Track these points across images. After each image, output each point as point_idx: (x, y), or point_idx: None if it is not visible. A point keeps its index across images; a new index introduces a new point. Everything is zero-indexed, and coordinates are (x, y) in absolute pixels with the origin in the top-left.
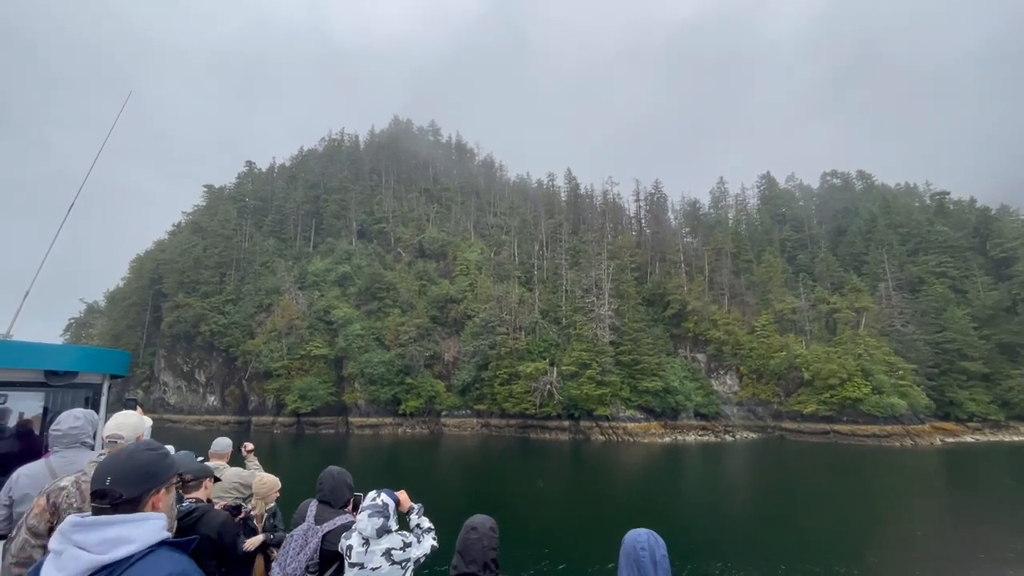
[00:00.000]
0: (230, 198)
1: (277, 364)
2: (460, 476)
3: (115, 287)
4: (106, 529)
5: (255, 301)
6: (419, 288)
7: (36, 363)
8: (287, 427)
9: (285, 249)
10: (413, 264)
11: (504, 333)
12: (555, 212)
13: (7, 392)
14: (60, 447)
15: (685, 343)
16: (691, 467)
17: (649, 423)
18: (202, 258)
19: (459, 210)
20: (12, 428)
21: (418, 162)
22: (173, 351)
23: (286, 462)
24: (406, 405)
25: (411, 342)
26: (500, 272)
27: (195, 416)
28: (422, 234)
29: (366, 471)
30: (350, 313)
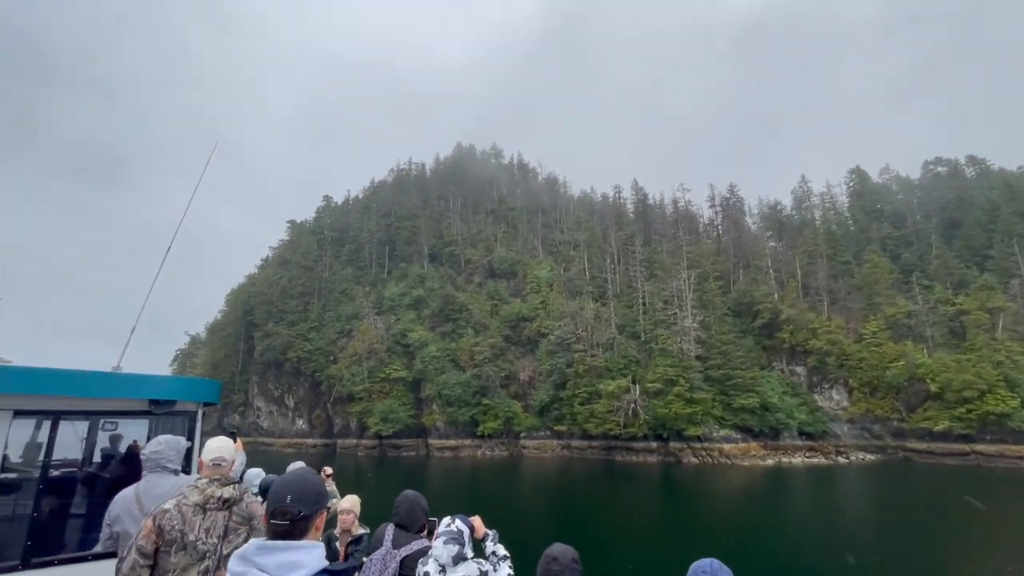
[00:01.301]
0: (310, 231)
1: (359, 387)
2: (539, 501)
3: (214, 319)
4: (284, 553)
5: (336, 327)
6: (491, 308)
7: (142, 393)
8: (370, 449)
9: (362, 276)
10: (484, 284)
11: (581, 350)
12: (624, 224)
13: (117, 420)
14: (146, 471)
15: (780, 355)
16: (799, 493)
17: (747, 444)
18: (287, 289)
19: (526, 228)
20: (123, 453)
21: (483, 184)
22: (264, 377)
23: (369, 485)
24: (484, 427)
25: (486, 362)
26: (572, 288)
27: (286, 439)
28: (491, 254)
29: (445, 495)
30: (425, 335)
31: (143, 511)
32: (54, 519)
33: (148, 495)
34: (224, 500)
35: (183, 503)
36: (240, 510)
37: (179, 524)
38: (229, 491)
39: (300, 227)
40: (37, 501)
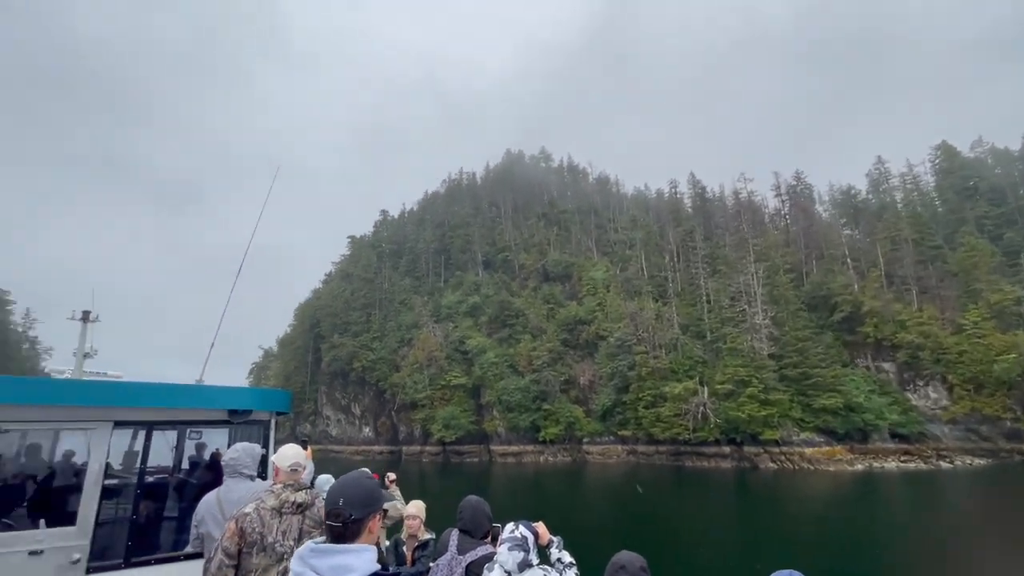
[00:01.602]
0: (369, 245)
1: (421, 395)
2: (605, 507)
3: (284, 333)
4: (336, 556)
5: (397, 336)
6: (547, 312)
7: (221, 404)
8: (434, 456)
9: (420, 286)
10: (539, 289)
11: (643, 352)
12: (682, 220)
13: (201, 429)
14: (226, 476)
15: (864, 351)
16: (897, 501)
17: (832, 447)
18: (350, 301)
19: (578, 230)
20: (207, 460)
21: (533, 189)
22: (332, 387)
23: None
24: (545, 432)
25: (544, 367)
26: (629, 288)
27: (354, 447)
28: (544, 258)
29: (508, 500)
30: (483, 342)
31: (224, 514)
32: (150, 521)
33: (227, 499)
34: (298, 504)
35: (261, 507)
36: (313, 514)
37: (258, 527)
38: (302, 496)
39: (360, 242)
40: (136, 505)
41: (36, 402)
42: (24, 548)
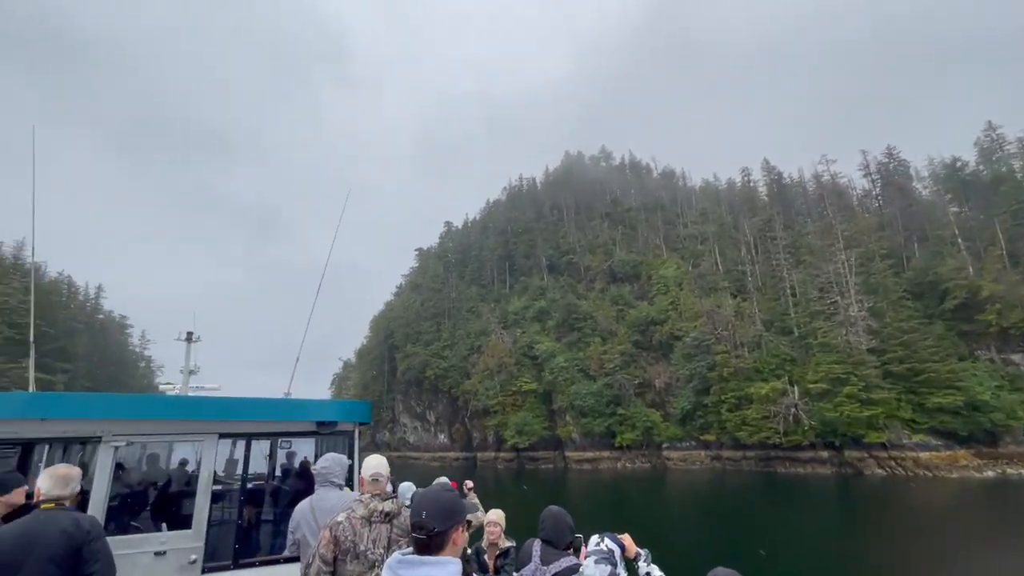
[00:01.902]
0: (436, 256)
1: (492, 401)
2: (692, 517)
3: (361, 345)
4: (422, 568)
5: (467, 344)
6: (616, 313)
7: (309, 416)
8: (508, 462)
9: (486, 294)
10: (606, 290)
11: (723, 351)
12: (757, 210)
13: (291, 439)
14: (317, 485)
15: (986, 341)
16: None
17: (953, 452)
18: (420, 311)
19: (645, 228)
20: (297, 468)
21: (595, 189)
22: (408, 395)
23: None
24: (621, 437)
25: (617, 370)
26: (704, 285)
27: (430, 453)
28: (611, 259)
29: (586, 509)
30: (552, 346)
31: (317, 521)
32: (252, 525)
33: (319, 507)
34: (386, 514)
35: (352, 516)
36: (399, 523)
37: (351, 535)
38: (389, 505)
39: (426, 253)
40: (240, 510)
41: (154, 417)
42: (151, 549)
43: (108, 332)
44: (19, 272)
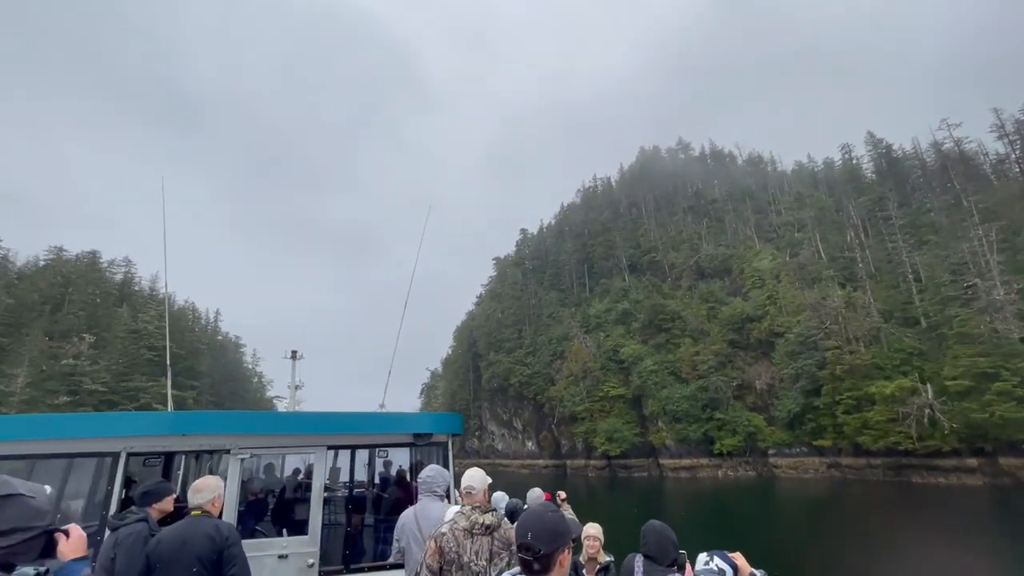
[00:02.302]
0: (513, 264)
1: (579, 407)
2: (811, 533)
3: (446, 355)
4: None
5: (549, 350)
6: (707, 312)
7: (407, 428)
8: (600, 470)
9: (566, 298)
10: (694, 288)
11: (834, 347)
12: (864, 189)
13: (388, 450)
14: (420, 494)
15: None
16: None
17: None
18: (501, 319)
19: (733, 219)
20: (395, 477)
21: (675, 183)
22: (494, 402)
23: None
24: (720, 444)
25: (711, 372)
26: (805, 276)
27: (519, 460)
28: (697, 254)
29: (686, 522)
30: (638, 349)
31: (421, 530)
32: (358, 531)
33: (423, 516)
34: (486, 526)
35: (455, 528)
36: (500, 536)
37: (454, 546)
38: (489, 518)
39: (504, 262)
40: (348, 516)
41: (274, 432)
42: (275, 552)
43: (226, 351)
44: (154, 301)
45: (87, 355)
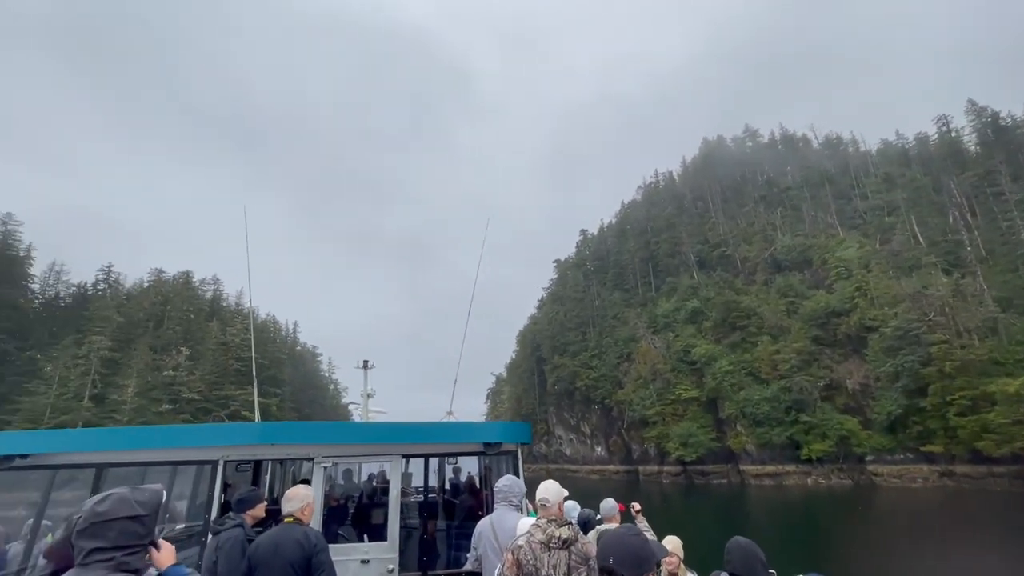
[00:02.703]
0: (574, 266)
1: (650, 411)
2: (923, 551)
3: (510, 359)
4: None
5: (615, 352)
6: (786, 307)
7: (478, 437)
8: (674, 476)
9: (630, 299)
10: (771, 282)
11: (941, 341)
12: (968, 163)
13: (457, 457)
14: (497, 504)
15: None
16: None
17: None
18: (564, 322)
19: (811, 206)
20: (464, 483)
21: (743, 173)
22: (560, 407)
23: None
24: (808, 449)
25: (794, 372)
26: (899, 263)
27: (588, 466)
28: (772, 246)
29: (774, 536)
30: (711, 349)
31: (498, 539)
32: (432, 537)
33: (499, 526)
34: (563, 540)
35: (531, 540)
36: (577, 550)
37: (532, 559)
38: (566, 532)
39: (564, 264)
40: (423, 522)
41: (353, 441)
42: (358, 557)
43: (304, 361)
44: (240, 315)
45: (184, 366)
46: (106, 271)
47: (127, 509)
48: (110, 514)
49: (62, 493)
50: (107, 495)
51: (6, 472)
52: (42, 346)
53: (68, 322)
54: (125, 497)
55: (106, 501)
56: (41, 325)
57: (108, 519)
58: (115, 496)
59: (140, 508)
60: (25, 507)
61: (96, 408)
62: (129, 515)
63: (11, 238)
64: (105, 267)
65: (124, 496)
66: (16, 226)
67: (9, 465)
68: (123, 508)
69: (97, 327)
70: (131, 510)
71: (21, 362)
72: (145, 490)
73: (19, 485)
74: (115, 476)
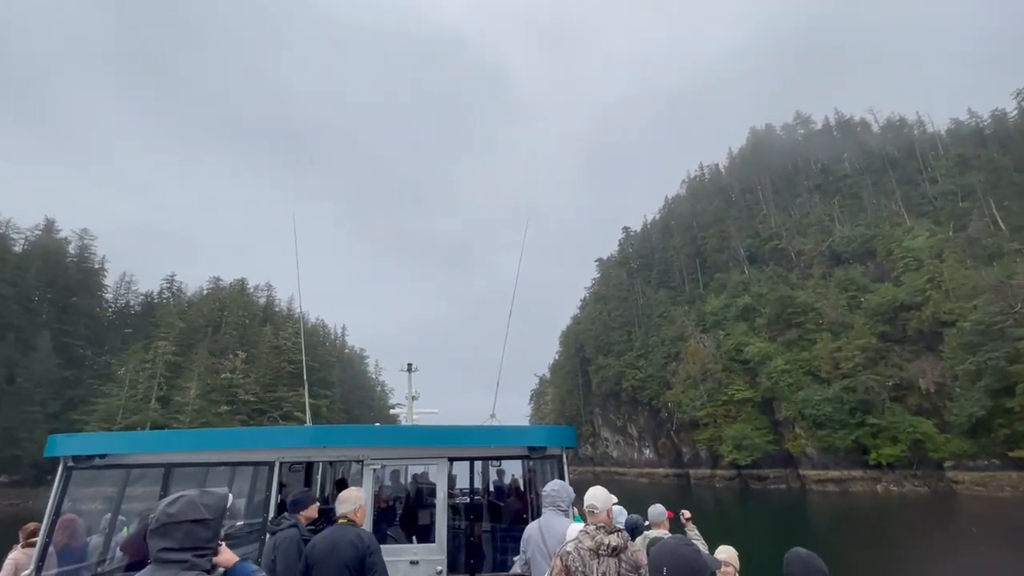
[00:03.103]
0: (617, 264)
1: (701, 412)
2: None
3: (553, 360)
4: None
5: (662, 352)
6: (847, 302)
7: (522, 441)
8: (728, 480)
9: (677, 296)
10: (829, 275)
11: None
12: None
13: (502, 460)
14: (544, 508)
15: None
16: None
17: None
18: (608, 322)
19: (873, 193)
20: (509, 486)
21: (795, 163)
22: (605, 408)
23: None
24: (877, 453)
25: (859, 370)
26: (977, 252)
27: (636, 469)
28: (829, 237)
29: (840, 548)
30: (765, 347)
31: (546, 544)
32: (479, 540)
33: (547, 531)
34: (613, 547)
35: (580, 547)
36: (627, 558)
37: (580, 566)
38: (615, 539)
39: (607, 263)
40: (470, 525)
41: (401, 444)
42: (407, 558)
43: (353, 363)
44: (291, 320)
45: (240, 369)
46: (169, 280)
47: (194, 512)
48: (178, 516)
49: (135, 490)
50: (177, 497)
51: (87, 470)
52: (115, 351)
53: (138, 329)
54: (193, 500)
55: (176, 503)
56: (114, 332)
57: (176, 521)
58: (184, 499)
59: (206, 512)
60: (102, 502)
61: (162, 409)
62: (195, 518)
63: (87, 252)
64: (169, 276)
65: (192, 499)
66: (91, 240)
67: (89, 464)
68: (191, 511)
69: (162, 333)
70: (198, 513)
71: (97, 366)
72: (212, 494)
73: (97, 482)
74: (181, 475)
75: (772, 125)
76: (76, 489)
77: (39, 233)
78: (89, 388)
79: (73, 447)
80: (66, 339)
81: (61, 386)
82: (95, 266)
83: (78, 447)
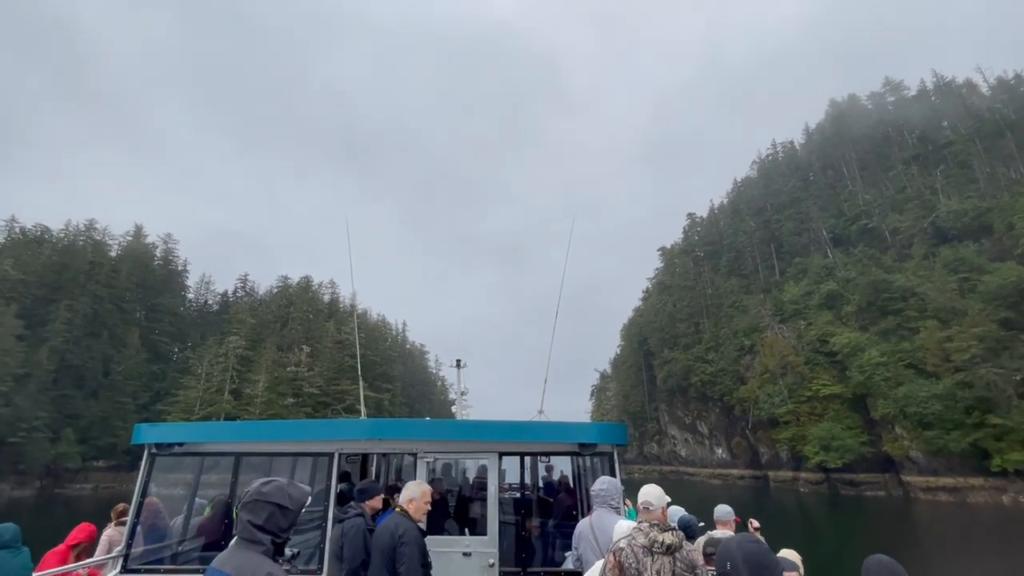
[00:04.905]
0: (682, 252)
1: (781, 410)
2: None
3: (615, 355)
4: None
5: (735, 344)
6: (958, 284)
7: (572, 438)
8: (814, 485)
9: (750, 284)
10: (933, 255)
11: None
12: None
13: (551, 456)
14: (595, 505)
15: None
16: None
17: None
18: (674, 313)
19: (985, 161)
20: (559, 483)
21: (885, 133)
22: (672, 404)
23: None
24: (1002, 459)
25: (976, 363)
26: None
27: (708, 469)
28: (932, 213)
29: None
30: (855, 338)
31: (597, 541)
32: (529, 535)
33: (599, 528)
34: (667, 546)
35: (633, 544)
36: (682, 557)
37: (634, 563)
38: (670, 537)
39: (671, 251)
40: (521, 520)
41: (454, 438)
42: (460, 550)
43: (413, 358)
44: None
45: (305, 363)
46: (243, 280)
47: (280, 497)
48: (268, 496)
49: (209, 476)
50: (271, 480)
51: (168, 457)
52: (195, 347)
53: (215, 326)
54: (282, 487)
55: (269, 484)
56: (195, 329)
57: (266, 500)
58: (276, 484)
59: (289, 502)
60: (183, 487)
61: (235, 401)
62: (280, 504)
63: (171, 255)
64: (242, 276)
65: (282, 487)
66: (174, 244)
67: (169, 452)
68: (278, 496)
69: (234, 329)
70: (284, 500)
71: (179, 361)
72: (298, 487)
73: (176, 468)
74: (249, 463)
75: (856, 95)
76: (159, 475)
77: (130, 239)
78: (173, 381)
79: (155, 436)
80: (153, 336)
81: (150, 379)
82: (178, 268)
83: (159, 436)
